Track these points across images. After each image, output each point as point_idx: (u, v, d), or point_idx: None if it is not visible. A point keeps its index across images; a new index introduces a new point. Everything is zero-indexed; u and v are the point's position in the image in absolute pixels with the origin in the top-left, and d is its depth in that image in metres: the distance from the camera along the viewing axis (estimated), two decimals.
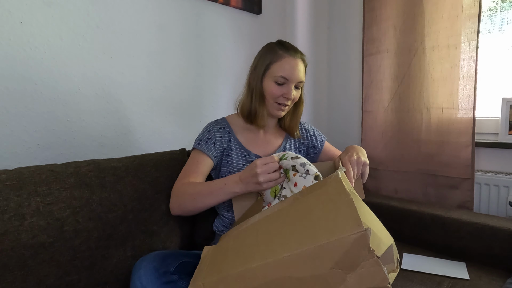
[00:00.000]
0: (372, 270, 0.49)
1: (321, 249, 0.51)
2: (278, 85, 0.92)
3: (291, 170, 0.79)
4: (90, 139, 1.12)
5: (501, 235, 1.04)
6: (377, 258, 0.49)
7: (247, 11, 1.55)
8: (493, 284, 0.94)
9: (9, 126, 0.95)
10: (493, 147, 1.35)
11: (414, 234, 1.24)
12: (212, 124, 1.00)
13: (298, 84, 0.94)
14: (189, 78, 1.38)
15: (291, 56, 0.92)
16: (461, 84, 1.35)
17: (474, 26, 1.31)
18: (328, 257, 0.51)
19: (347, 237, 0.50)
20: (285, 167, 0.80)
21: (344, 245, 0.50)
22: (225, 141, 0.97)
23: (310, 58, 1.85)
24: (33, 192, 0.77)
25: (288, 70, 0.91)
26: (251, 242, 0.61)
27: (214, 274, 0.61)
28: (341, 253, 0.50)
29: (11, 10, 0.94)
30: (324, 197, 0.60)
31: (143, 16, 1.22)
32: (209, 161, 0.95)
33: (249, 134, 1.01)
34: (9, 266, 0.71)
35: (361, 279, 0.50)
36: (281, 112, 0.97)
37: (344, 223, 0.52)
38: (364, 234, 0.49)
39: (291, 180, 0.79)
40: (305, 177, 0.77)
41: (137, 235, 0.91)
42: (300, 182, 0.77)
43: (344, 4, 1.86)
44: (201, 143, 0.96)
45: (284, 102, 0.94)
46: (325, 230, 0.53)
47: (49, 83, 1.02)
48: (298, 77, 0.93)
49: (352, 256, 0.50)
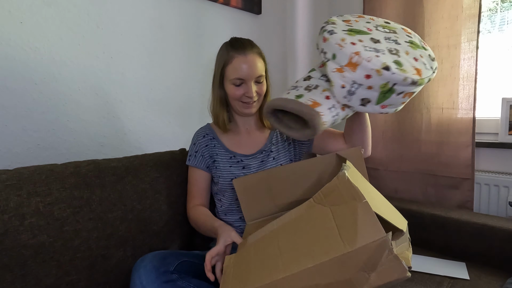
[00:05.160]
0: (392, 265, 0.52)
1: (345, 257, 0.53)
2: (237, 86, 0.91)
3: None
4: (90, 139, 1.12)
5: (501, 235, 1.04)
6: (396, 254, 0.52)
7: (247, 11, 1.55)
8: (493, 284, 0.94)
9: (9, 126, 0.96)
10: (493, 147, 1.35)
11: (414, 234, 1.24)
12: (196, 134, 1.03)
13: (257, 79, 0.92)
14: (189, 78, 1.38)
15: (241, 54, 0.90)
16: (461, 84, 1.35)
17: (474, 26, 1.31)
18: (353, 263, 0.53)
19: (370, 244, 0.52)
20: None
21: (368, 251, 0.53)
22: (210, 147, 0.99)
23: (310, 58, 1.85)
24: (33, 192, 0.77)
25: (241, 71, 0.89)
26: (273, 253, 0.62)
27: (240, 286, 0.62)
28: (365, 258, 0.53)
29: (11, 10, 0.94)
30: (339, 203, 0.61)
31: (143, 16, 1.22)
32: (204, 174, 0.99)
33: (232, 136, 1.01)
34: (9, 266, 0.71)
35: (383, 275, 0.53)
36: (251, 109, 0.95)
37: (365, 231, 0.54)
38: (385, 239, 0.52)
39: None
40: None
41: (137, 235, 0.91)
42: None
43: (344, 4, 1.86)
44: (191, 158, 1.01)
45: (248, 100, 0.93)
46: (347, 238, 0.54)
47: (49, 83, 1.02)
48: (254, 74, 0.90)
49: (375, 259, 0.53)
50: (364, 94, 0.72)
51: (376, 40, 0.74)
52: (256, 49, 0.94)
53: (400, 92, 0.71)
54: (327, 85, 0.77)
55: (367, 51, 0.69)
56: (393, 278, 0.53)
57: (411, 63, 0.72)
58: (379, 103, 0.74)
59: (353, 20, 0.83)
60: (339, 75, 0.72)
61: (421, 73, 0.70)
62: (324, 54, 0.76)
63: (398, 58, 0.71)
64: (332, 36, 0.73)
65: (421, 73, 0.70)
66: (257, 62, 0.91)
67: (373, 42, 0.73)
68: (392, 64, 0.68)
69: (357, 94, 0.73)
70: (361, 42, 0.72)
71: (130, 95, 1.21)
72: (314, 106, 0.73)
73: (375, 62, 0.67)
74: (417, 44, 0.80)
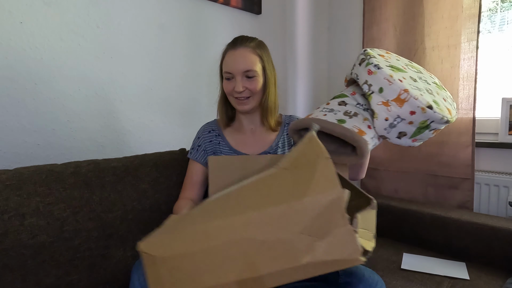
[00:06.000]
0: (343, 239, 0.44)
1: (289, 209, 0.45)
2: (228, 81, 0.92)
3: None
4: (90, 139, 1.12)
5: (501, 235, 1.04)
6: (351, 227, 0.44)
7: (247, 11, 1.55)
8: (493, 284, 0.94)
9: (9, 126, 0.96)
10: (493, 147, 1.35)
11: (414, 234, 1.24)
12: (202, 128, 1.03)
13: (247, 73, 0.89)
14: (189, 78, 1.38)
15: (232, 48, 0.91)
16: (461, 84, 1.35)
17: (474, 26, 1.31)
18: (297, 219, 0.45)
19: (320, 198, 0.45)
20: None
21: (316, 207, 0.45)
22: (214, 144, 0.99)
23: (310, 58, 1.85)
24: (33, 192, 0.77)
25: (229, 64, 0.90)
26: (218, 205, 0.54)
27: (168, 233, 0.54)
28: (311, 216, 0.45)
29: (11, 10, 0.94)
30: (301, 160, 0.54)
31: (143, 16, 1.22)
32: (202, 168, 0.98)
33: (238, 135, 1.01)
34: (9, 266, 0.71)
35: (330, 248, 0.45)
36: (244, 106, 0.93)
37: (317, 185, 0.46)
38: (340, 197, 0.44)
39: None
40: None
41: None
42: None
43: (344, 4, 1.86)
44: (193, 151, 1.00)
45: (238, 96, 0.91)
46: (297, 191, 0.47)
47: (49, 83, 1.02)
48: (241, 68, 0.88)
49: (324, 221, 0.44)
50: (403, 128, 0.77)
51: (414, 79, 0.80)
52: (252, 44, 0.92)
53: (433, 128, 0.77)
54: (366, 115, 0.81)
55: (413, 90, 0.74)
56: (342, 256, 0.44)
57: (443, 103, 0.78)
58: (413, 137, 0.79)
59: (386, 55, 0.87)
60: (384, 108, 0.76)
61: (451, 113, 0.77)
62: (369, 86, 0.78)
63: (434, 97, 0.77)
64: (380, 71, 0.76)
65: (451, 113, 0.77)
66: (246, 56, 0.89)
67: (413, 81, 0.78)
68: (433, 103, 0.73)
69: (397, 127, 0.77)
70: (405, 79, 0.76)
71: (130, 95, 1.21)
72: (361, 134, 0.76)
73: (421, 101, 0.71)
74: (439, 85, 0.88)
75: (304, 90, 1.85)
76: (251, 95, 0.92)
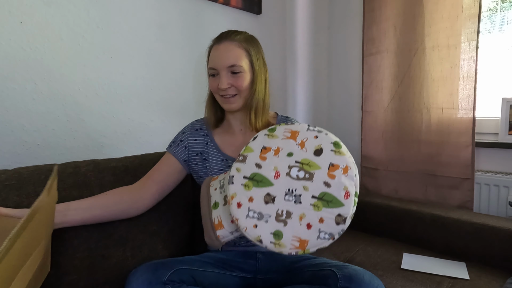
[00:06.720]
0: None
1: None
2: (212, 78, 0.88)
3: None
4: (90, 139, 1.12)
5: (501, 235, 1.04)
6: None
7: (247, 11, 1.55)
8: (493, 284, 0.94)
9: (9, 126, 0.96)
10: (493, 147, 1.35)
11: (414, 234, 1.24)
12: (189, 124, 0.99)
13: (232, 68, 0.84)
14: (189, 78, 1.38)
15: (216, 43, 0.87)
16: (461, 84, 1.35)
17: (474, 26, 1.31)
18: None
19: None
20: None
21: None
22: (200, 144, 0.94)
23: (310, 58, 1.85)
24: (32, 192, 0.77)
25: (213, 59, 0.86)
26: None
27: None
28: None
29: (11, 10, 0.94)
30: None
31: (143, 16, 1.22)
32: (176, 164, 0.93)
33: (226, 136, 0.95)
34: None
35: None
36: (230, 104, 0.88)
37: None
38: None
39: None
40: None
41: (137, 235, 0.91)
42: None
43: (344, 4, 1.86)
44: (173, 145, 0.95)
45: (224, 93, 0.86)
46: None
47: (49, 83, 1.02)
48: (224, 63, 0.84)
49: None
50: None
51: (272, 197, 0.69)
52: (238, 37, 0.86)
53: None
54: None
55: (247, 219, 0.68)
56: None
57: (297, 233, 0.66)
58: None
59: (277, 146, 0.73)
60: (225, 221, 0.76)
61: (305, 245, 0.66)
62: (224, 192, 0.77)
63: (283, 227, 0.67)
64: (229, 187, 0.71)
65: (305, 245, 0.66)
66: (230, 51, 0.84)
67: (265, 203, 0.68)
68: (269, 236, 0.67)
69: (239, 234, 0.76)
70: (251, 202, 0.69)
71: (130, 95, 1.21)
72: (217, 228, 0.76)
73: (250, 233, 0.68)
74: (329, 200, 0.67)
75: (304, 90, 1.85)
76: (238, 92, 0.87)
